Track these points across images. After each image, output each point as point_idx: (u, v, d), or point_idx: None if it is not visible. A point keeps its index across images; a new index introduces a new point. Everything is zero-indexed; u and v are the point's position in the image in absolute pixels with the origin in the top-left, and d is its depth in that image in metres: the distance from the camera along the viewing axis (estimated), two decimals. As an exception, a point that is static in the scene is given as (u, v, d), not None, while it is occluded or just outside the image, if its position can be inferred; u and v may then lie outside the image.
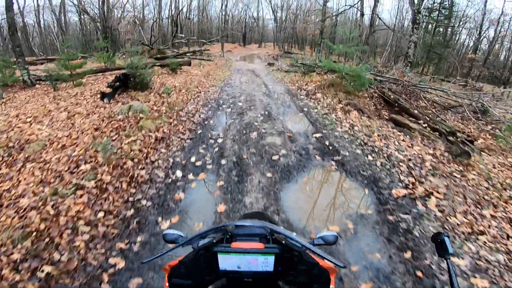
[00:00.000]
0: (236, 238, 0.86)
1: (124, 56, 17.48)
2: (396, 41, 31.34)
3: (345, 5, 26.20)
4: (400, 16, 32.12)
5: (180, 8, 16.01)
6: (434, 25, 21.03)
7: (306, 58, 24.78)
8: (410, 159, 4.47)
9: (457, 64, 22.80)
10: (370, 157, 4.40)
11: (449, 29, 22.24)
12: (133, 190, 3.41)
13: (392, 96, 7.76)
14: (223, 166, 3.97)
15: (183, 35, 19.55)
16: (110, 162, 3.80)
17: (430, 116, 7.00)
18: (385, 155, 4.53)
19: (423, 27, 19.79)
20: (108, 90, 6.51)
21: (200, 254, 0.85)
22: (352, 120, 5.82)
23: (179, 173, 3.82)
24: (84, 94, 7.04)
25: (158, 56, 16.33)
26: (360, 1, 17.88)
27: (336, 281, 1.37)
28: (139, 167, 3.90)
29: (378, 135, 5.17)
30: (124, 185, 3.48)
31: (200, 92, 7.62)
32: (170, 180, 3.67)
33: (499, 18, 24.40)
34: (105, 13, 15.20)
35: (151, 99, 6.14)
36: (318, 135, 4.94)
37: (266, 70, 15.19)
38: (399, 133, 5.58)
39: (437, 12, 21.05)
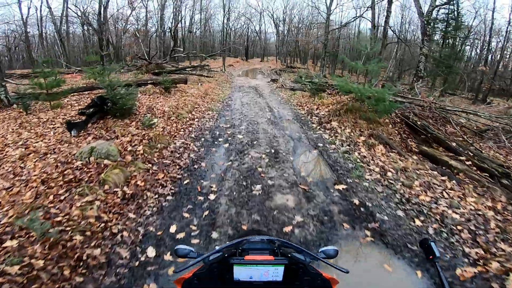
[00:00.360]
0: (247, 252, 0.93)
1: (122, 71, 16.47)
2: (401, 54, 30.40)
3: (354, 16, 25.23)
4: (403, 28, 31.08)
5: (178, 21, 14.97)
6: (442, 36, 20.10)
7: (310, 73, 23.79)
8: (469, 219, 3.28)
9: (465, 77, 21.61)
10: (418, 222, 3.16)
11: (457, 41, 21.24)
12: (79, 279, 2.24)
13: (419, 122, 6.51)
14: (214, 243, 2.72)
15: (181, 49, 18.53)
16: (46, 239, 2.54)
17: (462, 144, 5.75)
18: (437, 216, 3.29)
19: (431, 39, 18.70)
20: (82, 117, 5.31)
21: (213, 266, 0.90)
22: (380, 160, 4.55)
23: (151, 252, 2.60)
24: (54, 121, 5.85)
25: (156, 71, 15.31)
26: (371, 12, 16.88)
27: None
28: (93, 243, 2.65)
29: (420, 184, 3.89)
30: (66, 271, 2.27)
31: (193, 120, 6.38)
32: (137, 262, 2.47)
33: (507, 28, 23.30)
34: (101, 25, 14.21)
35: (130, 131, 4.91)
36: (342, 187, 3.67)
37: (269, 87, 14.04)
38: (442, 178, 4.32)
39: (444, 23, 20.12)
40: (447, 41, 20.39)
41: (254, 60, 42.04)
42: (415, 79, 15.92)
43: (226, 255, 0.89)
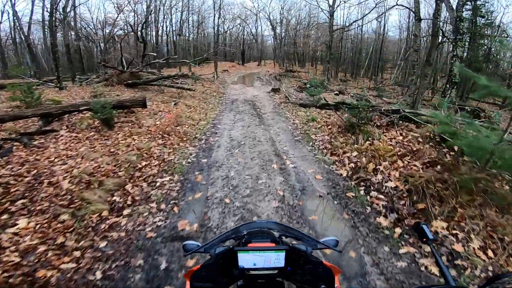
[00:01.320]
0: (251, 240, 0.93)
1: (84, 84, 12.97)
2: (410, 55, 26.90)
3: (391, 6, 21.92)
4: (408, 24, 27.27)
5: (144, 20, 11.38)
6: (469, 36, 16.89)
7: (315, 78, 20.39)
8: None
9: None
10: None
11: (487, 41, 17.96)
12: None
13: None
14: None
15: (155, 54, 14.93)
16: None
17: None
18: None
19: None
20: None
21: (220, 257, 0.92)
22: None
23: None
24: None
25: (130, 81, 11.88)
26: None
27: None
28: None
29: None
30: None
31: (118, 218, 2.85)
32: None
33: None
34: (52, 27, 10.70)
35: None
36: None
37: (270, 101, 10.54)
38: None
39: (472, 22, 16.86)
40: (473, 41, 17.17)
41: (251, 64, 38.49)
42: (447, 85, 12.66)
43: (231, 246, 0.92)
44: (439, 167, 3.08)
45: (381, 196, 3.00)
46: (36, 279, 1.98)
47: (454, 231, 2.46)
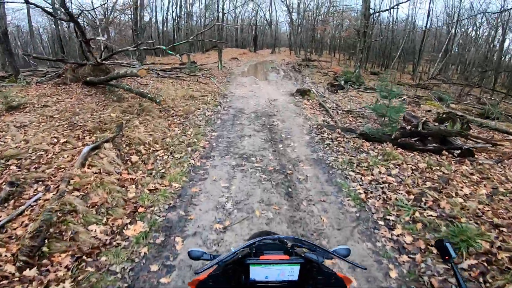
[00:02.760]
0: (262, 252, 0.84)
1: (34, 82, 8.54)
2: (455, 46, 21.17)
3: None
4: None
5: None
6: None
7: (346, 70, 15.33)
8: None
9: None
10: None
11: None
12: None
13: None
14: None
15: (103, 38, 10.22)
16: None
17: None
18: None
19: None
20: None
21: (228, 268, 0.83)
22: None
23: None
24: None
25: (88, 79, 7.54)
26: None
27: None
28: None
29: None
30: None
31: None
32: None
33: None
34: None
35: None
36: None
37: (301, 119, 5.79)
38: None
39: None
40: None
41: (264, 51, 33.03)
42: None
43: (240, 256, 0.82)
44: None
45: None
46: None
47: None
